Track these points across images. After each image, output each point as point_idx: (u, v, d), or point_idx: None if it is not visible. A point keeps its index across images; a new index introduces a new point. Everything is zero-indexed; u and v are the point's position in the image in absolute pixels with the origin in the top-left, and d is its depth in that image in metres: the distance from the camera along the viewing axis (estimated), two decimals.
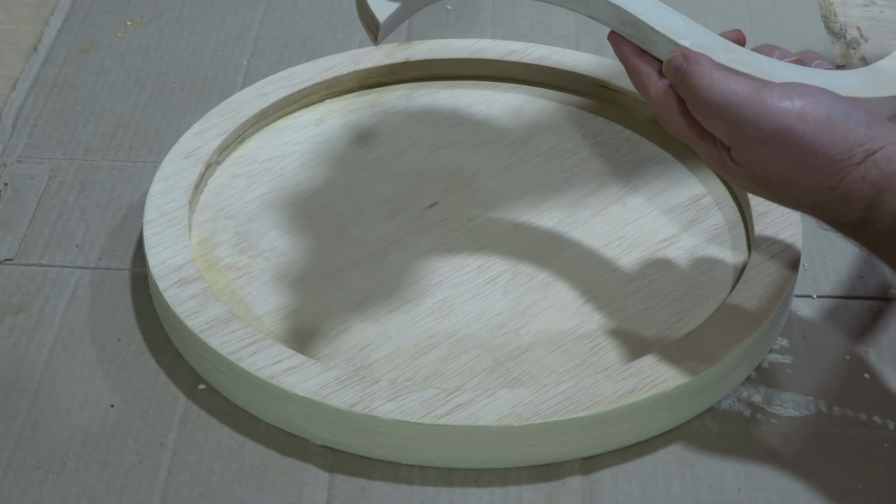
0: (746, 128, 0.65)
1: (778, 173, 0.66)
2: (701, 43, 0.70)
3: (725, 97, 0.66)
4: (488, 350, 0.77)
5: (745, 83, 0.66)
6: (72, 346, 0.78)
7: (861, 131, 0.65)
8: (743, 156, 0.67)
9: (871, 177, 0.64)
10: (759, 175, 0.67)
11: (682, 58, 0.68)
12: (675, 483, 0.71)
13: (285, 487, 0.71)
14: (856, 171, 0.64)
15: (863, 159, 0.64)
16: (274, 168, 0.89)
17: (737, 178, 0.68)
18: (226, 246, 0.83)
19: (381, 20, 0.70)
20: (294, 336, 0.78)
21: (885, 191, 0.64)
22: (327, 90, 0.94)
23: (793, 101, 0.65)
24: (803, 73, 0.70)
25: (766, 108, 0.65)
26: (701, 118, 0.68)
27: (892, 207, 0.64)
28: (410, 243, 0.83)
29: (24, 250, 0.84)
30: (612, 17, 0.72)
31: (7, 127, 0.94)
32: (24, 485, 0.71)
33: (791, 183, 0.66)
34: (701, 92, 0.67)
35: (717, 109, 0.66)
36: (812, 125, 0.65)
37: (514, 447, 0.71)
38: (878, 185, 0.64)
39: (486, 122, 0.92)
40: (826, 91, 0.67)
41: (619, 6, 0.71)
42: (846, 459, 0.72)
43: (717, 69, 0.67)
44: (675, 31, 0.70)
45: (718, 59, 0.69)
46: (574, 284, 0.81)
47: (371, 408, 0.70)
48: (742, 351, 0.74)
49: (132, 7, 1.06)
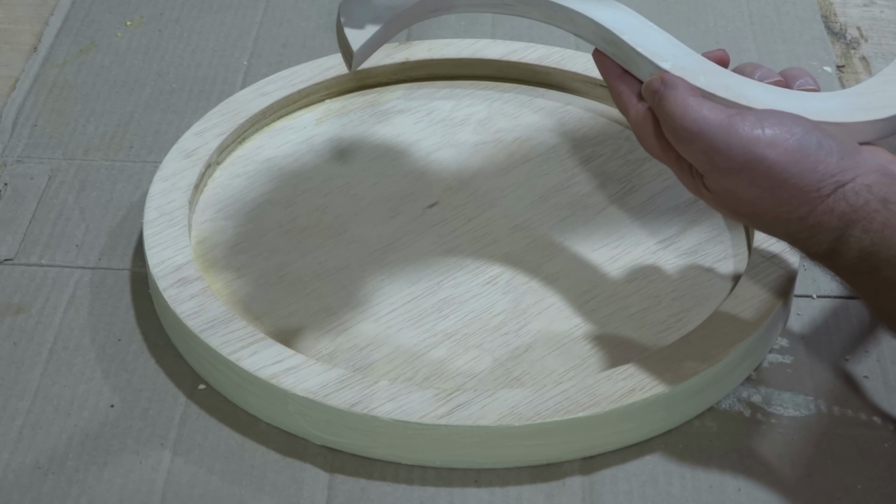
0: (717, 156, 0.65)
1: (749, 202, 0.66)
2: (681, 65, 0.69)
3: (698, 125, 0.66)
4: (488, 350, 0.77)
5: (717, 111, 0.66)
6: (72, 346, 0.78)
7: (832, 162, 0.65)
8: (715, 183, 0.67)
9: (840, 209, 0.64)
10: (731, 202, 0.67)
11: (660, 82, 0.68)
12: (675, 483, 0.71)
13: (285, 487, 0.71)
14: (825, 203, 0.64)
15: (832, 191, 0.64)
16: (274, 168, 0.89)
17: (711, 203, 0.69)
18: (226, 246, 0.83)
19: (355, 49, 0.71)
20: (294, 336, 0.77)
21: (853, 224, 0.64)
22: (327, 90, 0.94)
23: (764, 130, 0.65)
24: (782, 97, 0.69)
25: (738, 137, 0.65)
26: (675, 144, 0.67)
27: (858, 242, 0.63)
28: (410, 243, 0.83)
29: (24, 250, 0.84)
30: (596, 36, 0.72)
31: (7, 127, 0.94)
32: (24, 485, 0.71)
33: (762, 212, 0.66)
34: (675, 118, 0.66)
35: (690, 137, 0.66)
36: (783, 155, 0.65)
37: (514, 447, 0.71)
38: (846, 218, 0.64)
39: (486, 122, 0.92)
40: (800, 119, 0.66)
41: (602, 25, 0.71)
42: (846, 459, 0.72)
43: (692, 95, 0.67)
44: (657, 53, 0.70)
45: (697, 82, 0.69)
46: (574, 284, 0.81)
47: (371, 408, 0.70)
48: (742, 351, 0.74)
49: (132, 7, 1.06)
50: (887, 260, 0.63)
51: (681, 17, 1.05)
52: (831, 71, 0.99)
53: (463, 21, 1.04)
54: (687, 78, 0.69)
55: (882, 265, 0.63)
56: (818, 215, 0.64)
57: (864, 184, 0.64)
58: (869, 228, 0.63)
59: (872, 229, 0.63)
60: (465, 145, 0.90)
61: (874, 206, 0.63)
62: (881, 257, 0.63)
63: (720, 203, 0.68)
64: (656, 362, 0.73)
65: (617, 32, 0.71)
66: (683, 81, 0.68)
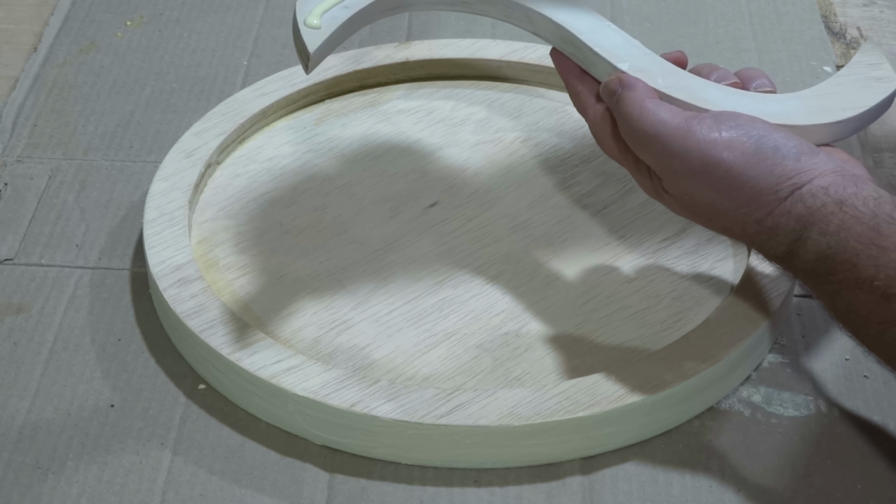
0: (675, 159, 0.65)
1: (707, 205, 0.66)
2: (639, 66, 0.69)
3: (655, 128, 0.66)
4: (488, 350, 0.77)
5: (675, 113, 0.66)
6: (72, 346, 0.78)
7: (789, 165, 0.64)
8: (673, 186, 0.67)
9: (797, 211, 0.64)
10: (689, 205, 0.67)
11: (618, 83, 0.68)
12: (675, 483, 0.71)
13: (285, 487, 0.71)
14: (782, 206, 0.64)
15: (789, 194, 0.64)
16: (274, 168, 0.89)
17: (670, 206, 0.69)
18: (226, 246, 0.83)
19: (312, 50, 0.69)
20: (294, 336, 0.78)
21: (810, 226, 0.64)
22: (327, 90, 0.94)
23: (721, 133, 0.65)
24: (739, 99, 0.69)
25: (695, 140, 0.65)
26: (632, 146, 0.67)
27: (815, 244, 0.63)
28: (410, 243, 0.83)
29: (24, 250, 0.84)
30: (554, 36, 0.72)
31: (7, 127, 0.94)
32: (24, 485, 0.71)
33: (720, 214, 0.66)
34: (632, 121, 0.66)
35: (647, 140, 0.66)
36: (740, 158, 0.64)
37: (514, 447, 0.71)
38: (803, 220, 0.64)
39: (486, 122, 0.92)
40: (757, 121, 0.66)
41: (560, 24, 0.71)
42: (846, 459, 0.72)
43: (649, 97, 0.67)
44: (615, 54, 0.70)
45: (656, 84, 0.68)
46: (574, 284, 0.81)
47: (371, 408, 0.70)
48: (742, 351, 0.74)
49: (132, 7, 1.06)
50: (843, 262, 0.62)
51: (681, 17, 1.05)
52: (831, 71, 0.99)
53: (463, 21, 1.04)
54: (645, 79, 0.68)
55: (838, 267, 0.63)
56: (776, 217, 0.64)
57: (820, 186, 0.64)
58: (826, 231, 0.63)
59: (829, 231, 0.63)
60: (465, 145, 0.90)
61: (831, 209, 0.63)
62: (838, 260, 0.63)
63: (678, 205, 0.68)
64: (656, 362, 0.73)
65: (574, 32, 0.71)
66: (641, 83, 0.68)
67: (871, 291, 0.62)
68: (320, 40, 0.69)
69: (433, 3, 0.74)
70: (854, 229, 0.62)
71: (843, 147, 0.91)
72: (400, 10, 0.74)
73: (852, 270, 0.62)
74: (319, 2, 0.71)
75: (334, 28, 0.70)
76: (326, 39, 0.69)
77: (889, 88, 0.72)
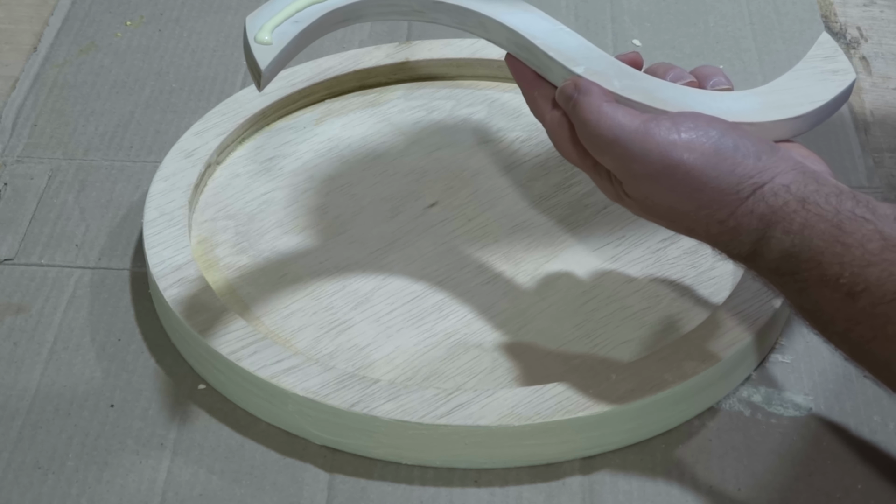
0: (635, 163, 0.65)
1: (669, 207, 0.65)
2: (595, 69, 0.68)
3: (613, 132, 0.65)
4: (488, 350, 0.77)
5: (633, 117, 0.65)
6: (72, 346, 0.78)
7: (749, 164, 0.64)
8: (633, 190, 0.66)
9: (759, 211, 0.63)
10: (651, 207, 0.66)
11: (574, 87, 0.67)
12: (675, 483, 0.71)
13: (285, 487, 0.71)
14: (745, 205, 0.64)
15: (751, 193, 0.64)
16: (274, 168, 0.89)
17: (632, 209, 0.68)
18: (226, 246, 0.83)
19: (263, 67, 0.68)
20: (294, 336, 0.78)
21: (773, 225, 0.63)
22: (327, 90, 0.94)
23: (680, 134, 0.64)
24: (698, 98, 0.69)
25: (654, 142, 0.64)
26: (591, 151, 0.67)
27: (779, 243, 0.63)
28: (410, 243, 0.83)
29: (24, 250, 0.84)
30: (508, 41, 0.71)
31: (7, 127, 0.94)
32: (24, 485, 0.71)
33: (682, 216, 0.65)
34: (590, 126, 0.66)
35: (606, 144, 0.65)
36: (700, 159, 0.64)
37: (514, 447, 0.71)
38: (766, 220, 0.63)
39: (486, 122, 0.92)
40: (716, 121, 0.66)
41: (514, 30, 0.70)
42: (846, 459, 0.72)
43: (606, 101, 0.66)
44: (570, 57, 0.69)
45: (612, 86, 0.68)
46: (574, 284, 0.81)
47: (371, 408, 0.70)
48: (742, 351, 0.74)
49: (132, 7, 1.06)
50: (808, 261, 0.62)
51: (681, 17, 1.05)
52: None
53: None
54: (601, 82, 0.68)
55: (803, 266, 0.62)
56: (738, 217, 0.64)
57: (782, 184, 0.64)
58: (789, 230, 0.63)
59: (792, 230, 0.63)
60: (465, 145, 0.90)
61: (793, 207, 0.63)
62: (802, 258, 0.62)
63: (640, 208, 0.67)
64: (656, 362, 0.73)
65: (529, 37, 0.70)
66: (597, 87, 0.67)
67: (836, 289, 0.61)
68: (271, 56, 0.68)
69: (385, 13, 0.72)
70: (817, 227, 0.62)
71: (847, 145, 0.91)
72: (350, 22, 0.72)
73: (817, 269, 0.62)
74: (269, 17, 0.69)
75: (285, 43, 0.69)
76: (278, 55, 0.68)
77: (846, 81, 0.71)
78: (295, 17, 0.70)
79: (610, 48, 1.01)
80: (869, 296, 0.60)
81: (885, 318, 0.60)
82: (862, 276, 0.60)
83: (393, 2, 0.72)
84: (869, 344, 0.61)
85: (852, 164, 0.90)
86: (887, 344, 0.60)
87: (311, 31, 0.70)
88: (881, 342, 0.61)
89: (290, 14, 0.70)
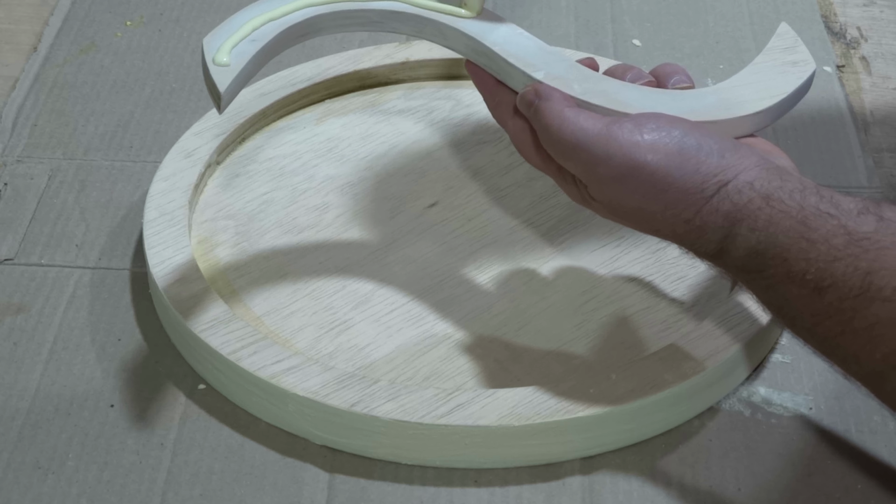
0: (599, 166, 0.65)
1: (635, 208, 0.65)
2: (555, 74, 0.68)
3: (576, 137, 0.65)
4: (488, 350, 0.77)
5: (595, 120, 0.65)
6: (72, 346, 0.78)
7: (713, 162, 0.64)
8: (599, 193, 0.66)
9: (724, 209, 0.63)
10: (617, 210, 0.66)
11: (534, 94, 0.67)
12: (674, 483, 0.71)
13: (285, 487, 0.71)
14: (710, 204, 0.64)
15: (716, 191, 0.64)
16: (274, 168, 0.89)
17: (598, 211, 0.68)
18: (226, 246, 0.83)
19: (222, 90, 0.67)
20: (294, 336, 0.78)
21: (738, 222, 0.63)
22: (327, 90, 0.94)
23: (643, 135, 0.64)
24: (658, 98, 0.69)
25: (617, 145, 0.64)
26: (555, 156, 0.67)
27: (745, 240, 0.63)
28: (410, 243, 0.83)
29: (24, 250, 0.84)
30: (467, 48, 0.70)
31: (7, 127, 0.94)
32: (24, 485, 0.71)
33: (648, 217, 0.65)
34: (552, 132, 0.66)
35: (569, 149, 0.65)
36: (664, 160, 0.64)
37: (514, 447, 0.71)
38: (731, 217, 0.63)
39: (486, 122, 0.92)
40: (677, 121, 0.66)
41: (472, 37, 0.70)
42: (846, 459, 0.72)
43: (568, 106, 0.66)
44: (529, 62, 0.69)
45: (572, 91, 0.67)
46: (574, 284, 0.81)
47: (371, 408, 0.70)
48: (742, 351, 0.74)
49: (132, 7, 1.06)
50: (774, 257, 0.62)
51: (681, 17, 1.05)
52: (831, 71, 0.99)
53: None
54: (560, 87, 0.67)
55: (769, 263, 0.62)
56: (704, 216, 0.64)
57: (746, 181, 0.64)
58: (755, 227, 0.63)
59: (758, 227, 0.63)
60: (465, 145, 0.90)
61: (758, 204, 0.63)
62: (768, 255, 0.62)
63: (606, 211, 0.67)
64: (656, 362, 0.73)
65: (487, 43, 0.69)
66: (558, 91, 0.67)
67: (803, 285, 0.61)
68: (230, 78, 0.67)
69: (343, 25, 0.72)
70: (782, 224, 0.62)
71: (847, 145, 0.91)
72: (309, 36, 0.72)
73: (783, 265, 0.62)
74: (226, 37, 0.68)
75: (244, 64, 0.68)
76: (237, 77, 0.67)
77: (806, 72, 0.71)
78: (252, 35, 0.69)
79: (610, 48, 1.01)
80: (835, 291, 0.60)
81: (852, 313, 0.60)
82: (828, 272, 0.61)
83: (351, 14, 0.71)
84: (837, 339, 0.61)
85: (852, 164, 0.90)
86: (854, 338, 0.61)
87: (269, 49, 0.69)
88: (849, 336, 0.61)
89: (247, 33, 0.69)
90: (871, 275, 0.60)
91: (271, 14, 0.70)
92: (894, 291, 0.59)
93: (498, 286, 0.81)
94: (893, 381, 0.61)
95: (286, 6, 0.70)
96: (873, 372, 0.61)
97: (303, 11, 0.70)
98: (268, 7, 0.70)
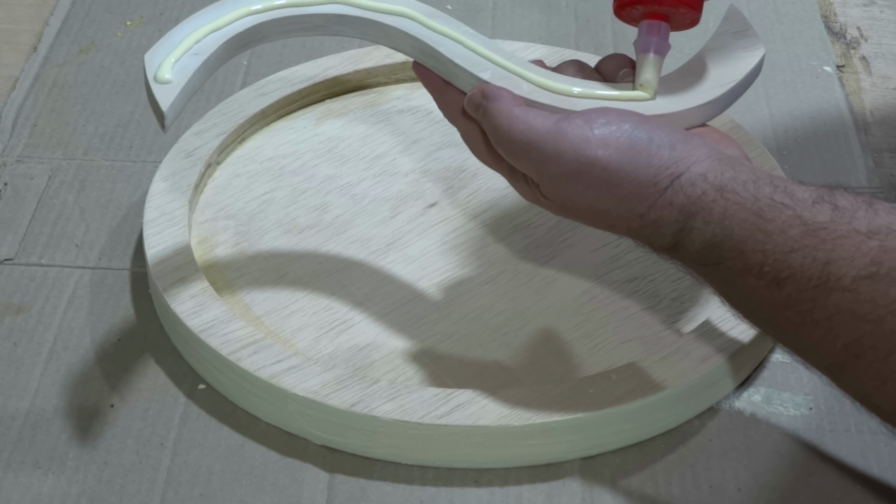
0: (549, 164, 0.64)
1: (588, 205, 0.65)
2: (502, 74, 0.67)
3: (525, 136, 0.64)
4: (488, 350, 0.77)
5: (544, 118, 0.65)
6: (72, 346, 0.78)
7: (664, 155, 0.64)
8: (551, 191, 0.65)
9: (678, 202, 0.63)
10: (570, 207, 0.66)
11: (481, 95, 0.66)
12: (674, 483, 0.71)
13: (285, 487, 0.71)
14: (664, 197, 0.63)
15: (669, 184, 0.63)
16: (274, 168, 0.89)
17: (552, 210, 0.67)
18: (226, 246, 0.83)
19: (165, 108, 0.66)
20: (294, 336, 0.78)
21: (693, 215, 0.63)
22: (327, 90, 0.94)
23: (593, 131, 0.64)
24: (607, 93, 0.68)
25: (567, 142, 0.64)
26: (505, 156, 0.66)
27: (700, 233, 0.63)
28: (410, 243, 0.83)
29: (24, 250, 0.84)
30: (413, 49, 0.69)
31: (7, 127, 0.94)
32: (24, 485, 0.71)
33: (602, 213, 0.65)
34: (501, 132, 0.65)
35: (519, 148, 0.65)
36: (615, 154, 0.63)
37: (514, 447, 0.71)
38: (686, 210, 0.63)
39: None
40: (628, 114, 0.65)
41: (418, 38, 0.69)
42: (846, 459, 0.72)
43: (516, 105, 0.65)
44: (476, 63, 0.68)
45: (521, 90, 0.67)
46: (574, 284, 0.81)
47: (371, 408, 0.70)
48: (742, 351, 0.74)
49: (132, 7, 1.06)
50: (730, 250, 0.62)
51: None
52: (831, 71, 0.99)
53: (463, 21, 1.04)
54: (509, 86, 0.67)
55: (726, 255, 0.62)
56: (658, 210, 0.64)
57: (698, 173, 0.63)
58: (709, 220, 0.62)
59: (713, 220, 0.62)
60: (465, 145, 0.90)
61: (711, 196, 0.62)
62: (724, 248, 0.62)
63: (559, 209, 0.67)
64: (656, 362, 0.73)
65: (433, 44, 0.68)
66: (506, 91, 0.66)
67: (760, 277, 0.61)
68: (173, 96, 0.66)
69: (287, 31, 0.70)
70: (737, 216, 0.62)
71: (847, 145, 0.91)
72: (253, 44, 0.70)
73: (740, 258, 0.62)
74: (168, 52, 0.67)
75: (187, 79, 0.66)
76: (179, 93, 0.66)
77: (755, 57, 0.70)
78: (194, 48, 0.67)
79: (610, 48, 1.01)
80: (794, 282, 0.60)
81: (812, 304, 0.60)
82: (785, 263, 0.60)
83: (294, 20, 0.69)
84: (796, 330, 0.61)
85: (852, 164, 0.90)
86: (814, 329, 0.60)
87: (213, 61, 0.68)
88: (808, 327, 0.60)
89: (189, 46, 0.67)
90: (829, 265, 0.59)
91: (213, 25, 0.68)
92: (853, 281, 0.59)
93: (498, 286, 0.81)
94: (854, 371, 0.60)
95: (227, 16, 0.68)
96: (834, 362, 0.61)
97: (245, 20, 0.68)
98: (209, 18, 0.68)
